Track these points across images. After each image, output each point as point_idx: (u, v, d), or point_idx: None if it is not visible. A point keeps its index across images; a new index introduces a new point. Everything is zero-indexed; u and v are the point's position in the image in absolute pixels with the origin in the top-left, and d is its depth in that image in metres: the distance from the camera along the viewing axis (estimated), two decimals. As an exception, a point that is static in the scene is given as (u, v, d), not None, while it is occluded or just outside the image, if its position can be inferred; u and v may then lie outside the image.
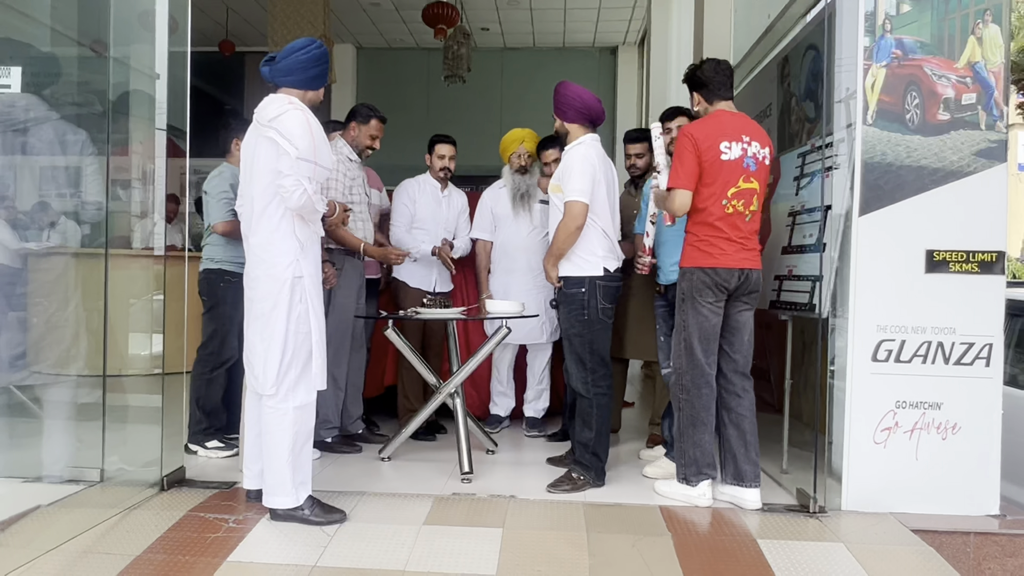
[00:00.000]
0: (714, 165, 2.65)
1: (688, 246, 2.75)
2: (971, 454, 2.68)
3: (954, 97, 2.73)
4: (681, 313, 2.74)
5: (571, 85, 3.04)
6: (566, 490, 2.88)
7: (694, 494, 2.73)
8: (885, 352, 2.72)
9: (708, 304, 2.69)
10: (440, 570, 2.18)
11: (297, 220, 2.47)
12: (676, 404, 2.78)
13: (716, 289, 2.67)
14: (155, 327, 3.06)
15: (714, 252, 2.67)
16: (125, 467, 2.89)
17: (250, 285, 2.53)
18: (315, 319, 2.49)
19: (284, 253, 2.45)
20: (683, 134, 2.70)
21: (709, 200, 2.67)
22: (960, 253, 2.70)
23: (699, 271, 2.68)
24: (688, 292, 2.71)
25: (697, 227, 2.72)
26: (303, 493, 2.50)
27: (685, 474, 2.75)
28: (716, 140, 2.65)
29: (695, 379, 2.71)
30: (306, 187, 2.38)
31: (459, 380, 3.22)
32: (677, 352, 2.76)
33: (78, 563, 2.19)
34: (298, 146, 2.38)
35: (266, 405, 2.48)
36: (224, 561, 2.21)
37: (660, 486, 2.86)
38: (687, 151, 2.66)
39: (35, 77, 3.37)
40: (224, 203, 3.27)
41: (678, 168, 2.67)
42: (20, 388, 3.36)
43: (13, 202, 4.15)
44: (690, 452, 2.73)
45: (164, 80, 2.94)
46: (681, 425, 2.75)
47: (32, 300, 3.98)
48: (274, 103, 2.46)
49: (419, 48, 9.49)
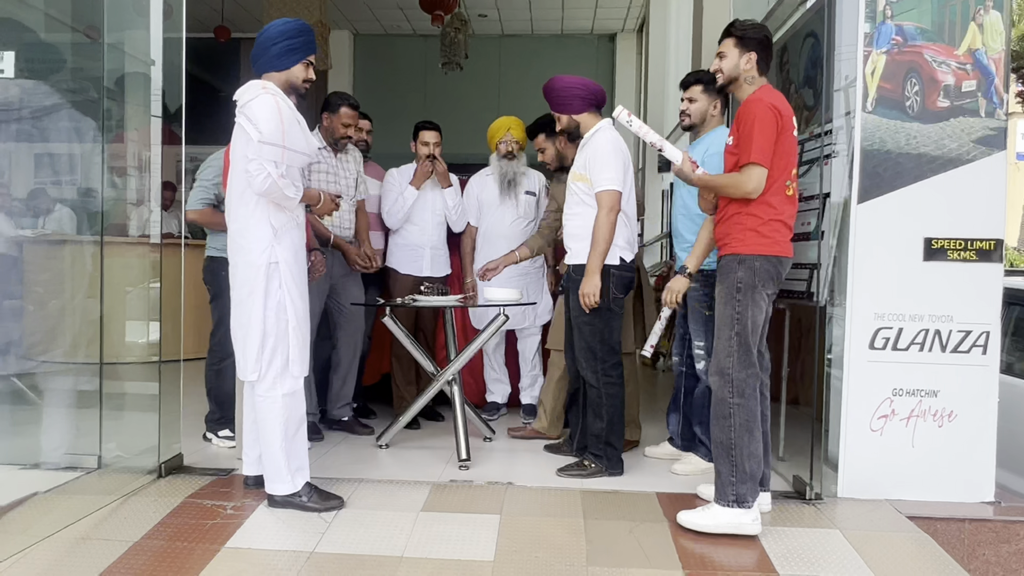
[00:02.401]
0: (788, 142, 2.39)
1: (747, 231, 2.39)
2: (967, 441, 2.69)
3: (954, 84, 2.72)
4: (735, 304, 2.39)
5: (563, 77, 2.98)
6: (576, 476, 2.88)
7: (747, 520, 2.33)
8: (883, 340, 2.72)
9: (768, 295, 2.41)
10: (438, 556, 2.19)
11: (272, 206, 2.44)
12: (723, 411, 2.37)
13: (777, 280, 2.42)
14: (152, 315, 3.05)
15: (777, 238, 2.39)
16: (122, 454, 2.89)
17: (231, 272, 2.52)
18: (292, 306, 2.46)
19: (258, 239, 2.43)
20: (764, 105, 2.35)
21: (778, 180, 2.39)
22: (958, 241, 2.70)
23: (762, 259, 2.37)
24: (748, 282, 2.37)
25: (759, 207, 2.38)
26: (300, 479, 2.50)
27: (739, 493, 2.33)
28: (791, 115, 2.42)
29: (750, 380, 2.37)
30: (270, 171, 2.35)
31: (456, 368, 3.22)
32: (727, 351, 2.38)
33: (76, 549, 2.19)
34: (262, 130, 2.35)
35: (256, 393, 2.48)
36: (222, 547, 2.21)
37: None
38: (770, 123, 2.33)
39: (29, 63, 3.35)
40: (202, 190, 3.22)
41: (757, 141, 2.32)
42: (18, 375, 3.35)
43: (8, 189, 4.13)
44: (746, 466, 2.33)
45: (159, 66, 2.91)
46: (734, 435, 2.35)
47: (28, 288, 3.96)
48: (249, 89, 2.43)
49: (416, 35, 9.42)
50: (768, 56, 2.48)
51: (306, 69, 2.53)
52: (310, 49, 2.54)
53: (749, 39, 2.44)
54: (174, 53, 2.91)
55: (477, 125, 5.84)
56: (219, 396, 3.27)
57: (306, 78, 2.53)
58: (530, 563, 2.15)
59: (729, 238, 2.45)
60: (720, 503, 2.37)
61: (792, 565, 2.18)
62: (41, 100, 3.45)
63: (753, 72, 2.47)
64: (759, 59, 2.45)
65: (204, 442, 3.29)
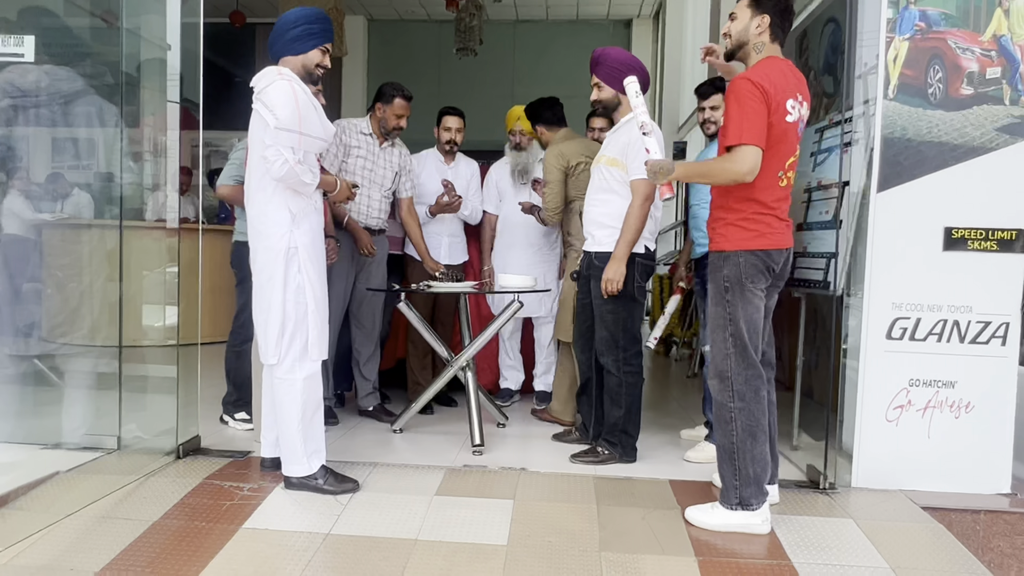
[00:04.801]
0: (779, 127, 2.19)
1: (730, 226, 2.28)
2: (984, 433, 2.67)
3: (978, 71, 2.67)
4: (725, 304, 2.28)
5: (619, 50, 2.93)
6: (588, 462, 2.89)
7: (756, 521, 2.28)
8: (900, 330, 2.70)
9: (759, 291, 2.29)
10: (452, 539, 2.21)
11: (289, 192, 2.46)
12: (724, 415, 2.29)
13: (767, 273, 2.29)
14: (169, 299, 3.08)
15: (764, 231, 2.26)
16: (141, 435, 2.93)
17: (252, 257, 2.55)
18: (311, 290, 2.49)
19: (277, 224, 2.45)
20: (748, 82, 2.16)
21: (768, 170, 2.22)
22: (979, 231, 2.66)
23: (748, 254, 2.26)
24: (735, 279, 2.27)
25: (743, 203, 2.26)
26: (316, 462, 2.53)
27: (743, 497, 2.28)
28: (784, 96, 2.19)
29: (751, 381, 2.27)
30: (287, 157, 2.36)
31: (471, 354, 3.23)
32: (723, 353, 2.29)
33: (97, 528, 2.23)
34: (278, 115, 2.36)
35: (274, 376, 2.51)
36: (240, 527, 2.25)
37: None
38: (756, 101, 2.13)
39: (47, 48, 3.36)
40: (234, 167, 3.25)
41: (744, 120, 2.14)
42: (39, 357, 3.41)
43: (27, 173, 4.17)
44: (749, 470, 2.26)
45: (176, 51, 2.92)
46: (736, 439, 2.27)
47: (48, 271, 4.02)
48: (265, 75, 2.44)
49: (431, 20, 9.37)
50: (785, 23, 2.27)
51: (322, 55, 2.54)
52: (327, 37, 2.55)
53: (765, 0, 2.25)
54: (191, 39, 2.91)
55: (491, 111, 5.83)
56: (237, 378, 3.30)
57: (320, 63, 2.54)
58: (543, 548, 2.17)
59: (713, 234, 2.35)
60: (724, 505, 2.31)
61: (805, 553, 2.18)
62: (60, 85, 3.47)
63: (764, 38, 2.26)
64: (773, 23, 2.24)
65: (221, 425, 3.33)
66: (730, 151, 2.19)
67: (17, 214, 4.19)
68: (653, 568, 2.07)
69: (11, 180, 4.13)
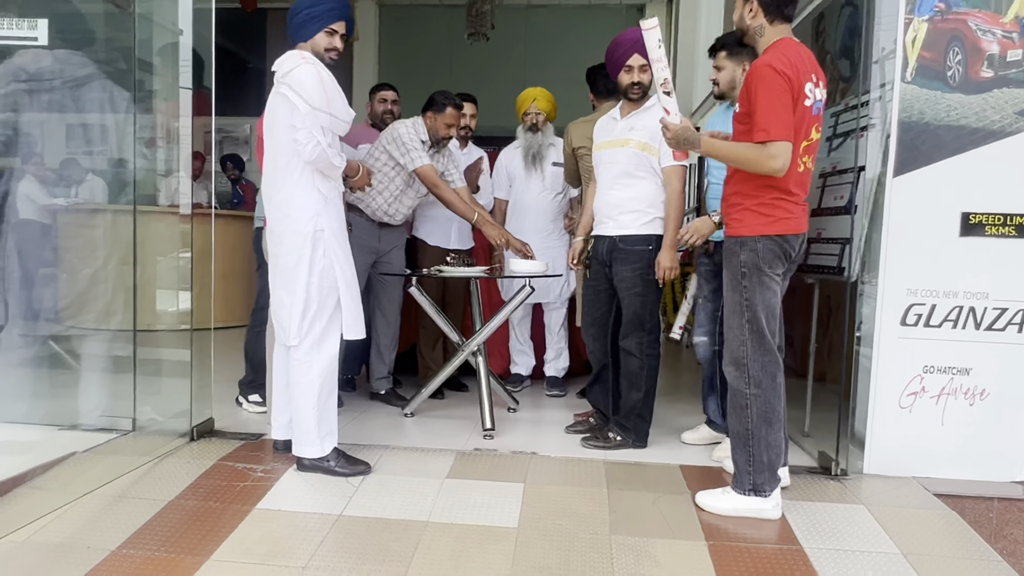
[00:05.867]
0: (799, 111, 2.16)
1: (747, 211, 2.25)
2: (999, 420, 2.65)
3: (999, 53, 2.62)
4: (742, 290, 2.27)
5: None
6: (597, 446, 2.90)
7: (768, 506, 2.28)
8: (914, 316, 2.67)
9: (776, 276, 2.27)
10: (462, 521, 2.22)
11: (317, 175, 2.47)
12: (740, 401, 2.29)
13: (785, 258, 2.28)
14: (182, 284, 3.10)
15: (781, 216, 2.23)
16: (156, 417, 2.96)
17: (274, 240, 2.55)
18: (341, 272, 2.51)
19: (305, 207, 2.46)
20: (771, 69, 2.11)
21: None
22: (997, 216, 2.63)
23: (766, 240, 2.23)
24: (752, 265, 2.24)
25: (762, 189, 2.22)
26: (328, 444, 2.55)
27: (756, 483, 2.28)
28: (803, 80, 2.15)
29: (767, 367, 2.25)
30: (319, 139, 2.38)
31: (481, 339, 3.24)
32: (739, 339, 2.27)
33: (113, 507, 2.26)
34: (309, 98, 2.38)
35: (292, 357, 2.53)
36: (253, 508, 2.27)
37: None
38: (784, 92, 2.10)
39: (61, 33, 3.37)
40: None
41: (773, 114, 2.10)
42: (54, 339, 3.45)
43: (42, 158, 4.20)
44: (764, 457, 2.26)
45: (188, 37, 2.92)
46: (751, 426, 2.27)
47: (62, 255, 4.05)
48: (288, 59, 2.46)
49: (442, 5, 9.31)
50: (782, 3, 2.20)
51: (329, 37, 2.51)
52: (333, 16, 2.49)
53: None
54: (203, 24, 2.91)
55: (503, 97, 5.79)
56: (255, 360, 3.33)
57: (329, 46, 2.51)
58: (554, 530, 2.18)
59: (730, 219, 2.32)
60: (737, 490, 2.32)
61: (816, 539, 2.17)
62: (74, 70, 3.48)
63: (760, 21, 2.21)
64: (765, 4, 2.19)
65: (236, 407, 3.36)
66: (765, 146, 2.14)
67: (32, 199, 4.23)
68: (663, 552, 2.07)
69: (26, 165, 4.16)
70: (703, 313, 2.99)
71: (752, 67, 2.21)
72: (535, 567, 1.97)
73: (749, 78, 2.20)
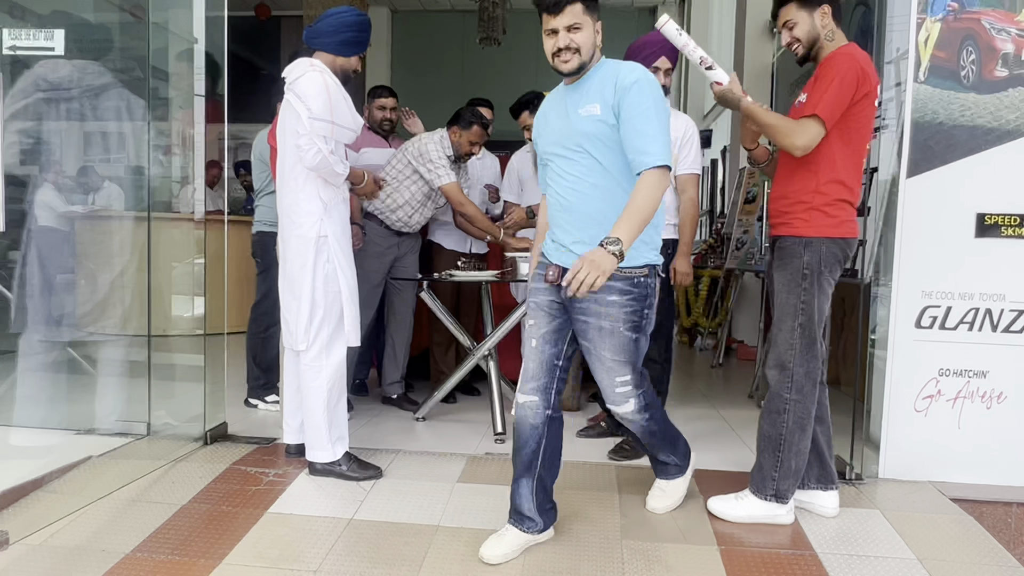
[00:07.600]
0: (872, 111, 2.16)
1: (814, 210, 2.18)
2: (1017, 424, 2.61)
3: (1013, 52, 2.59)
4: (800, 293, 2.19)
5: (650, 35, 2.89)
6: (624, 457, 2.85)
7: (781, 511, 2.27)
8: (930, 319, 2.64)
9: (833, 282, 2.22)
10: (473, 525, 2.22)
11: (320, 181, 2.51)
12: (778, 406, 2.23)
13: (842, 263, 2.22)
14: (196, 290, 3.14)
15: (843, 217, 2.19)
16: (170, 422, 2.99)
17: (282, 245, 2.60)
18: (344, 278, 2.53)
19: (309, 213, 2.50)
20: (855, 62, 2.09)
21: (857, 155, 2.18)
22: (1013, 217, 2.59)
23: (829, 242, 2.17)
24: (815, 267, 2.18)
25: (830, 185, 2.16)
26: (340, 448, 2.56)
27: (780, 489, 2.25)
28: (874, 81, 2.16)
29: (811, 374, 2.20)
30: (320, 147, 2.40)
31: (492, 343, 3.24)
32: (788, 343, 2.20)
33: (128, 510, 2.29)
34: (311, 106, 2.41)
35: (302, 362, 2.55)
36: (265, 512, 2.28)
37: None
38: (852, 85, 2.08)
39: (77, 43, 3.43)
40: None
41: (832, 99, 2.07)
42: (71, 345, 3.49)
43: (60, 166, 4.26)
44: (792, 463, 2.23)
45: (202, 45, 2.96)
46: (785, 431, 2.22)
47: (80, 262, 4.10)
48: (298, 66, 2.50)
49: (454, 10, 9.36)
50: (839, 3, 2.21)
51: (358, 61, 2.65)
52: (367, 45, 2.65)
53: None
54: (217, 32, 2.95)
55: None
56: (264, 362, 3.36)
57: (355, 68, 2.64)
58: (565, 536, 2.17)
59: (791, 216, 2.22)
60: (758, 495, 2.28)
61: (829, 544, 2.15)
62: (91, 79, 3.53)
63: (832, 25, 2.19)
64: (833, 10, 2.19)
65: (248, 409, 3.39)
66: (801, 120, 2.12)
67: (50, 206, 4.29)
68: (675, 557, 2.06)
69: (45, 174, 4.23)
70: (533, 362, 2.07)
71: (836, 55, 2.15)
72: (546, 572, 1.97)
73: (829, 64, 2.14)
